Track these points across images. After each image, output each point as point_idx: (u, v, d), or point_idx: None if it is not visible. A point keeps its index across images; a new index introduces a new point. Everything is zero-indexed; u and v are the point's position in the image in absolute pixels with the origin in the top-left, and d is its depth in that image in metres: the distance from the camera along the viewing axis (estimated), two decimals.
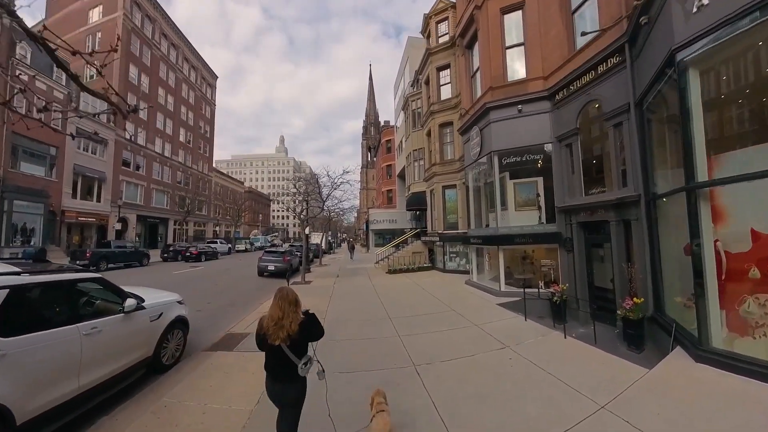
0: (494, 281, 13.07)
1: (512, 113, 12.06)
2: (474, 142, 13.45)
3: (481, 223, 14.51)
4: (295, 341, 3.23)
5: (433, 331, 8.08)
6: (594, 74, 9.77)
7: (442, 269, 18.96)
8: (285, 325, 3.16)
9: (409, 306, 10.85)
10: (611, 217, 9.15)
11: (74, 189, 32.14)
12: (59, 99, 30.80)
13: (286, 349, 3.18)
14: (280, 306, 3.25)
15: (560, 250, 11.52)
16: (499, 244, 12.13)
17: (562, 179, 11.37)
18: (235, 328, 8.51)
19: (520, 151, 12.16)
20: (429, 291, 13.39)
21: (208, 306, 11.57)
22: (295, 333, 3.20)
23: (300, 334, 3.26)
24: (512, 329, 8.19)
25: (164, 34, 46.07)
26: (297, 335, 3.23)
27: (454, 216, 18.86)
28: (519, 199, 12.53)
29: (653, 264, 7.92)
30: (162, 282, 17.10)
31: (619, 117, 8.90)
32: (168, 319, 6.50)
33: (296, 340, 3.24)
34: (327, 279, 17.90)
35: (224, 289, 15.10)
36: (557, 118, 11.53)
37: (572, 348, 7.06)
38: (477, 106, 13.13)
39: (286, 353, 3.18)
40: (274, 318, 3.22)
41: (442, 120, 19.47)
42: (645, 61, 7.94)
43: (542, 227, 11.88)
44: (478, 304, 10.84)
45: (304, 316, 3.40)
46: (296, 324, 3.23)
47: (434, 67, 19.81)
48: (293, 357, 3.20)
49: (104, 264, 22.50)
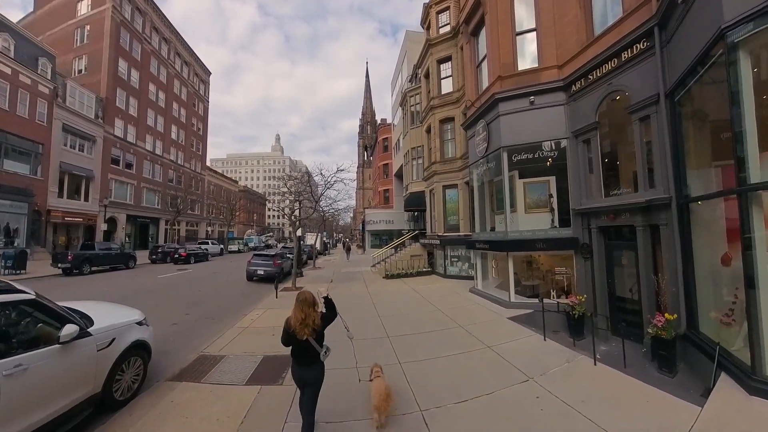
0: (502, 290, 12.02)
1: (523, 105, 11.00)
2: (480, 137, 12.37)
3: (486, 226, 13.46)
4: (319, 332, 4.01)
5: (441, 355, 6.96)
6: (617, 62, 8.86)
7: (443, 274, 17.88)
8: (309, 324, 3.87)
9: (410, 321, 9.74)
10: (638, 222, 8.24)
11: (61, 188, 30.98)
12: (44, 93, 29.58)
13: (311, 341, 3.92)
14: (302, 309, 3.92)
15: (576, 256, 10.52)
16: (508, 250, 11.08)
17: (578, 179, 10.38)
18: (210, 348, 7.38)
19: (531, 147, 11.10)
20: (431, 301, 12.26)
21: (186, 318, 10.45)
22: (318, 326, 3.98)
23: (322, 326, 4.07)
24: (532, 352, 7.15)
25: (155, 28, 44.74)
26: (320, 327, 4.02)
27: (455, 217, 17.80)
28: (529, 200, 11.48)
29: (686, 275, 6.97)
30: (144, 287, 15.99)
31: (646, 109, 7.96)
32: (122, 346, 5.39)
33: (319, 331, 4.01)
34: (319, 285, 16.42)
35: (207, 297, 13.97)
36: (574, 111, 10.52)
37: (605, 378, 6.02)
38: (484, 97, 12.06)
39: (311, 344, 3.93)
40: (298, 319, 3.88)
41: (443, 115, 18.39)
42: (679, 46, 6.98)
43: (556, 231, 10.85)
44: (487, 318, 9.77)
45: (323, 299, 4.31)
46: (318, 319, 3.99)
47: (434, 59, 18.73)
48: (317, 346, 3.97)
49: (87, 267, 21.35)
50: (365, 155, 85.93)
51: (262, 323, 9.52)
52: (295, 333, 3.90)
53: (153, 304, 12.29)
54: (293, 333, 3.92)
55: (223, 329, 8.91)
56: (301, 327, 3.85)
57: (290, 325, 3.98)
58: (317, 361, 4.03)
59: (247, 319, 9.93)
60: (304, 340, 3.92)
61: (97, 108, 35.43)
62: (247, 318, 10.02)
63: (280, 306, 11.80)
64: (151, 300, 12.99)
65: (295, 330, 3.89)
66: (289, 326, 3.99)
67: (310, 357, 4.01)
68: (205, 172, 58.96)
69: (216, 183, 64.75)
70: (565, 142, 10.75)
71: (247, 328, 8.91)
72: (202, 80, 59.12)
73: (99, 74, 36.89)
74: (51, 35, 38.36)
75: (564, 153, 10.81)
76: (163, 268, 25.10)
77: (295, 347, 4.04)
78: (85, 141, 33.74)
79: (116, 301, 12.61)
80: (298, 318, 3.89)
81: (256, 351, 7.04)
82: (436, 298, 12.77)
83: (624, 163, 9.69)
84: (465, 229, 16.89)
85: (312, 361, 4.02)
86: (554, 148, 10.97)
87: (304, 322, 3.86)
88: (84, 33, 37.98)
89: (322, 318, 4.11)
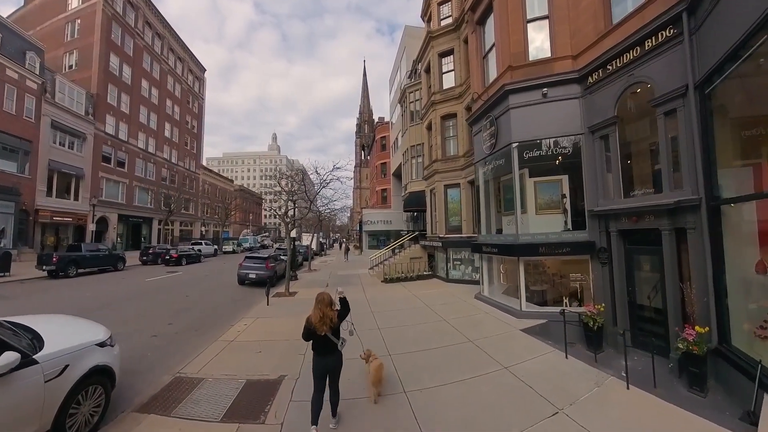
0: (511, 297, 11.24)
1: (535, 98, 10.21)
2: (487, 132, 11.55)
3: (491, 227, 12.68)
4: (335, 327, 4.65)
5: (452, 380, 6.03)
6: (639, 51, 8.18)
7: (445, 278, 17.00)
8: (326, 321, 4.51)
9: (414, 334, 8.80)
10: (664, 225, 7.56)
11: (49, 186, 29.93)
12: (32, 89, 28.57)
13: (330, 335, 4.56)
14: (320, 308, 4.56)
15: (592, 262, 9.77)
16: (520, 255, 10.26)
17: (595, 178, 9.64)
18: (188, 367, 6.52)
19: (543, 143, 10.32)
20: (434, 309, 11.31)
21: (168, 329, 9.57)
22: (335, 323, 4.63)
23: (338, 322, 4.72)
24: (555, 374, 6.35)
25: (148, 23, 43.64)
26: (336, 324, 4.66)
27: (457, 218, 16.97)
28: (541, 200, 10.69)
29: (717, 283, 6.43)
30: (129, 291, 15.12)
31: (672, 102, 7.33)
32: (78, 373, 4.56)
33: (335, 327, 4.65)
34: (314, 289, 15.28)
35: (194, 303, 13.05)
36: (590, 104, 9.77)
37: (640, 405, 5.25)
38: (492, 89, 11.23)
39: (329, 338, 4.57)
40: (317, 317, 4.51)
41: (445, 111, 17.55)
42: (712, 33, 6.38)
43: (571, 235, 10.07)
44: (498, 331, 8.92)
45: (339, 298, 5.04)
46: (335, 317, 4.64)
47: (436, 52, 17.89)
48: (334, 339, 4.62)
49: (74, 269, 20.44)
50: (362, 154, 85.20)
51: (250, 336, 8.68)
52: (315, 329, 4.52)
53: (135, 311, 11.47)
54: (313, 330, 4.54)
55: (206, 342, 8.05)
56: (320, 324, 4.49)
57: (311, 323, 4.58)
58: (336, 351, 4.69)
59: (233, 330, 9.08)
60: (323, 335, 4.54)
61: (88, 104, 34.38)
62: (233, 329, 9.16)
63: (270, 314, 10.95)
64: (134, 307, 12.14)
65: (315, 327, 4.52)
66: (310, 324, 4.58)
67: (330, 348, 4.64)
68: (199, 170, 57.87)
69: (211, 182, 63.64)
70: (579, 139, 10.00)
71: (232, 342, 8.04)
72: (197, 77, 58.02)
73: (90, 70, 35.84)
74: (41, 30, 37.30)
75: (578, 150, 10.09)
76: (153, 270, 24.18)
77: (315, 341, 4.63)
78: (74, 138, 32.68)
79: (96, 309, 11.90)
80: (317, 316, 4.52)
81: (239, 373, 6.19)
82: (439, 305, 11.85)
83: (645, 162, 9.01)
84: (468, 231, 16.10)
85: (331, 352, 4.65)
86: (568, 144, 10.22)
87: (323, 320, 4.49)
88: (74, 27, 36.89)
89: (338, 315, 4.76)
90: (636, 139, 9.22)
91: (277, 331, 9.03)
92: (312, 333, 4.57)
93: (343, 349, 4.77)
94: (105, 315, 10.80)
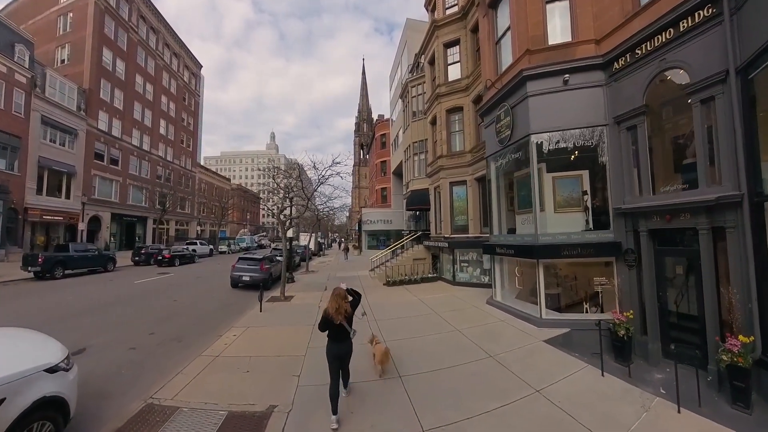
0: (526, 303, 10.35)
1: (555, 85, 9.30)
2: (501, 123, 10.60)
3: (503, 227, 11.79)
4: (349, 317, 5.27)
5: (479, 410, 5.01)
6: (672, 33, 7.42)
7: (452, 281, 16.00)
8: (341, 312, 5.08)
9: (426, 348, 7.73)
10: (701, 224, 6.81)
11: (40, 184, 28.89)
12: (21, 83, 27.57)
13: (344, 323, 5.12)
14: (336, 301, 5.15)
15: (618, 264, 8.92)
16: (540, 257, 9.31)
17: (620, 173, 8.82)
18: (164, 390, 5.56)
19: (563, 135, 9.43)
20: (445, 317, 10.30)
21: (149, 340, 8.62)
22: (349, 313, 5.25)
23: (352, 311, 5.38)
24: (595, 397, 5.47)
25: (142, 17, 42.56)
26: (350, 314, 5.30)
27: (463, 217, 16.03)
28: (560, 197, 9.79)
29: (761, 287, 5.91)
30: (115, 295, 14.17)
31: (710, 89, 6.68)
32: (19, 408, 3.65)
33: (349, 316, 5.27)
34: (312, 293, 14.85)
35: (181, 309, 12.06)
36: (615, 92, 8.93)
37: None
38: (507, 75, 10.28)
39: (344, 326, 5.13)
40: (334, 308, 5.08)
41: (450, 105, 16.62)
42: (757, 12, 5.83)
43: (595, 235, 9.17)
44: (520, 342, 7.98)
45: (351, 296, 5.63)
46: (349, 308, 5.28)
47: (441, 43, 16.95)
48: (348, 327, 5.22)
49: (60, 271, 19.50)
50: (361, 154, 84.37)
51: (238, 350, 7.68)
52: (332, 319, 5.03)
53: (117, 318, 10.53)
54: (330, 319, 5.05)
55: (188, 357, 7.09)
56: (335, 314, 5.01)
57: (328, 313, 5.09)
58: (348, 339, 5.23)
59: (220, 343, 8.09)
60: (338, 324, 5.05)
61: (80, 100, 33.37)
62: (221, 341, 8.19)
63: (263, 322, 9.95)
64: (117, 312, 11.19)
65: (332, 316, 5.03)
66: (327, 314, 5.09)
67: (343, 336, 5.16)
68: (196, 169, 56.75)
69: (208, 181, 62.61)
70: (603, 130, 9.15)
71: (217, 358, 7.05)
72: (193, 73, 56.89)
73: (82, 64, 34.81)
74: (33, 24, 36.34)
75: (602, 143, 9.24)
76: (144, 271, 23.20)
77: (331, 330, 5.13)
78: (66, 135, 31.67)
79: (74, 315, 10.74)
80: (333, 307, 5.06)
81: (220, 401, 5.21)
82: (449, 312, 10.86)
83: (677, 155, 8.24)
84: (475, 231, 15.20)
85: (345, 339, 5.18)
86: (590, 136, 9.35)
87: (338, 311, 5.03)
88: (67, 21, 35.88)
89: (351, 305, 5.38)
90: (666, 130, 8.48)
91: (270, 344, 8.09)
92: (329, 322, 5.09)
93: (353, 338, 5.37)
94: (82, 323, 9.90)
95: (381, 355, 6.16)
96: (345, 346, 5.21)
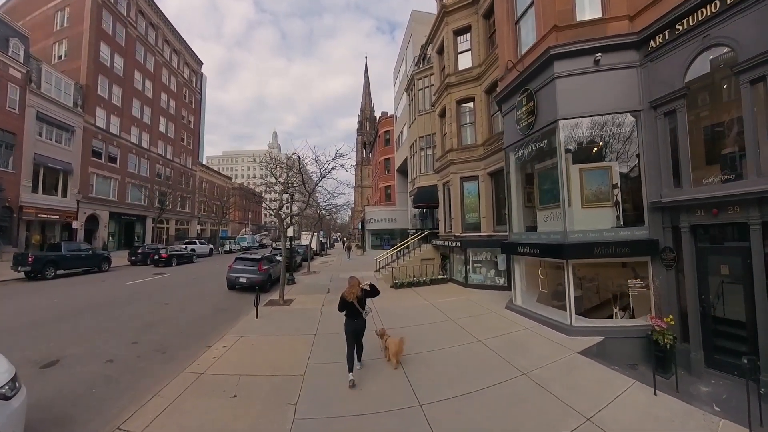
0: (550, 307, 9.36)
1: (585, 66, 8.31)
2: (524, 109, 9.59)
3: (521, 224, 10.80)
4: (360, 299, 6.42)
5: None
6: (718, 6, 6.62)
7: (464, 283, 14.91)
8: (354, 292, 6.34)
9: (446, 365, 6.64)
10: (753, 218, 6.10)
11: (35, 182, 28.13)
12: (16, 78, 26.79)
13: (356, 303, 6.32)
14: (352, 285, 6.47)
15: (653, 264, 7.98)
16: (570, 257, 8.32)
17: (657, 164, 7.92)
18: (135, 419, 4.59)
19: (593, 122, 8.48)
20: (462, 324, 9.21)
21: (129, 350, 7.66)
22: (359, 296, 6.42)
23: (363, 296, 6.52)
24: (657, 425, 4.57)
25: (141, 12, 41.71)
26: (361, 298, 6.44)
27: (474, 215, 15.03)
28: (587, 191, 8.79)
29: None
30: (103, 297, 13.27)
31: (761, 68, 6.02)
32: None
33: (361, 299, 6.43)
34: (313, 296, 13.84)
35: (171, 314, 11.05)
36: (651, 74, 8.02)
37: None
38: (531, 56, 9.25)
39: (355, 306, 6.33)
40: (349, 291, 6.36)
41: (461, 95, 15.61)
42: None
43: (629, 232, 8.19)
44: (552, 355, 6.95)
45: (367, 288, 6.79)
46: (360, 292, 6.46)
47: (450, 30, 15.94)
48: (359, 308, 6.37)
49: (51, 271, 18.65)
50: (364, 153, 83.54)
51: (226, 365, 6.67)
52: (345, 298, 6.35)
53: (99, 324, 9.60)
54: (344, 298, 6.36)
55: (170, 374, 6.13)
56: (349, 294, 6.34)
57: (344, 296, 6.38)
58: (361, 316, 6.41)
59: (208, 356, 7.10)
60: (351, 302, 6.32)
61: (76, 96, 32.58)
62: (208, 354, 7.20)
63: (258, 331, 8.89)
64: (101, 317, 10.26)
65: (346, 296, 6.34)
66: (344, 297, 6.38)
67: (356, 314, 6.38)
68: (196, 167, 55.95)
69: (209, 180, 61.75)
70: (637, 116, 8.21)
71: (201, 376, 6.04)
72: (194, 70, 56.04)
73: (79, 60, 34.04)
74: (31, 20, 35.66)
75: (635, 130, 8.29)
76: (140, 271, 22.31)
77: (348, 309, 6.39)
78: (62, 131, 30.88)
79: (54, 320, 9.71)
80: (348, 291, 6.39)
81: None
82: (467, 319, 9.78)
83: (719, 142, 7.29)
84: (487, 229, 14.21)
85: (358, 316, 6.39)
86: (621, 123, 8.40)
87: (351, 291, 6.37)
88: (64, 16, 35.15)
89: (363, 291, 6.59)
90: (709, 114, 7.50)
91: (264, 359, 7.12)
92: (344, 302, 6.29)
93: (366, 317, 6.47)
94: (61, 328, 9.01)
95: (395, 348, 6.62)
96: (359, 322, 6.37)
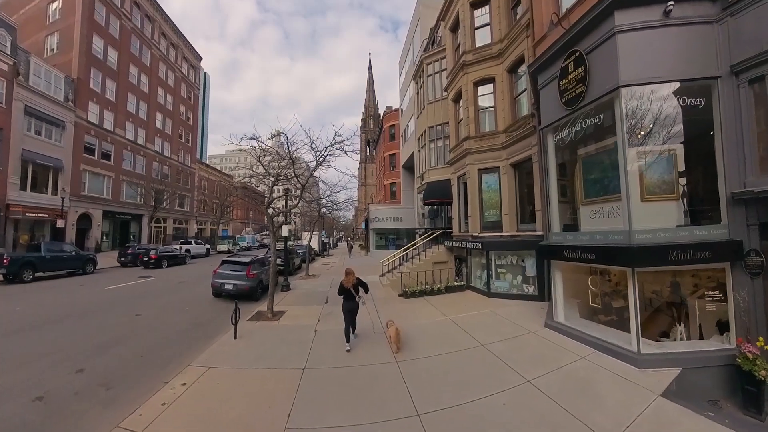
0: (601, 325, 7.52)
1: (652, 18, 6.49)
2: (571, 77, 7.70)
3: (558, 223, 8.93)
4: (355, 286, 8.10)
5: None
6: None
7: (485, 291, 12.69)
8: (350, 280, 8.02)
9: (490, 428, 4.54)
10: None
11: (23, 179, 26.62)
12: (2, 70, 25.27)
13: (351, 289, 7.99)
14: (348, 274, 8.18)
15: (733, 272, 6.14)
16: (636, 264, 6.45)
17: (739, 145, 6.07)
18: None
19: (654, 91, 6.64)
20: (498, 353, 7.10)
21: (71, 381, 5.89)
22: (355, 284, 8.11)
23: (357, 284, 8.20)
24: None
25: (136, 3, 40.08)
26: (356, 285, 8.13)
27: (495, 212, 13.12)
28: (647, 181, 6.94)
29: None
30: (72, 305, 11.60)
31: None
32: None
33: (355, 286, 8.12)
34: (308, 308, 11.87)
35: (138, 329, 9.23)
36: (733, 32, 6.28)
37: None
38: (581, 9, 7.34)
39: (351, 291, 7.99)
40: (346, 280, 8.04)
41: (479, 75, 13.71)
42: None
43: (705, 232, 6.33)
44: (632, 402, 5.02)
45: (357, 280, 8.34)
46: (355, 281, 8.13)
47: (467, 1, 14.10)
48: (354, 293, 8.03)
49: (29, 273, 17.08)
50: (368, 150, 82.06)
51: (176, 419, 4.75)
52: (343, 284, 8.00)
53: (52, 342, 7.87)
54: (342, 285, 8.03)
55: (99, 428, 4.39)
56: (346, 281, 8.00)
57: (342, 284, 8.06)
58: (354, 300, 7.98)
59: (158, 399, 5.25)
60: (348, 288, 7.98)
61: (67, 90, 31.05)
62: (161, 394, 5.39)
63: (233, 360, 6.97)
64: (57, 333, 8.54)
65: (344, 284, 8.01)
66: (342, 284, 8.06)
67: (351, 297, 7.95)
68: (195, 165, 54.36)
69: (209, 178, 60.09)
70: (713, 84, 6.44)
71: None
72: (192, 65, 54.40)
73: (71, 53, 32.53)
74: (24, 13, 34.38)
75: (710, 103, 6.45)
76: (126, 273, 20.62)
77: (346, 294, 8.01)
78: (52, 127, 29.37)
79: (2, 335, 8.15)
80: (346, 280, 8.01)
81: None
82: (500, 344, 7.66)
83: None
84: (510, 228, 12.31)
85: (352, 299, 7.97)
86: (693, 93, 6.55)
87: (348, 280, 8.00)
88: (56, 8, 33.68)
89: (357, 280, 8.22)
90: None
91: (228, 412, 5.01)
92: (343, 288, 8.03)
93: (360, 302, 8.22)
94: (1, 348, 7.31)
95: (395, 336, 7.44)
96: (354, 304, 7.97)
